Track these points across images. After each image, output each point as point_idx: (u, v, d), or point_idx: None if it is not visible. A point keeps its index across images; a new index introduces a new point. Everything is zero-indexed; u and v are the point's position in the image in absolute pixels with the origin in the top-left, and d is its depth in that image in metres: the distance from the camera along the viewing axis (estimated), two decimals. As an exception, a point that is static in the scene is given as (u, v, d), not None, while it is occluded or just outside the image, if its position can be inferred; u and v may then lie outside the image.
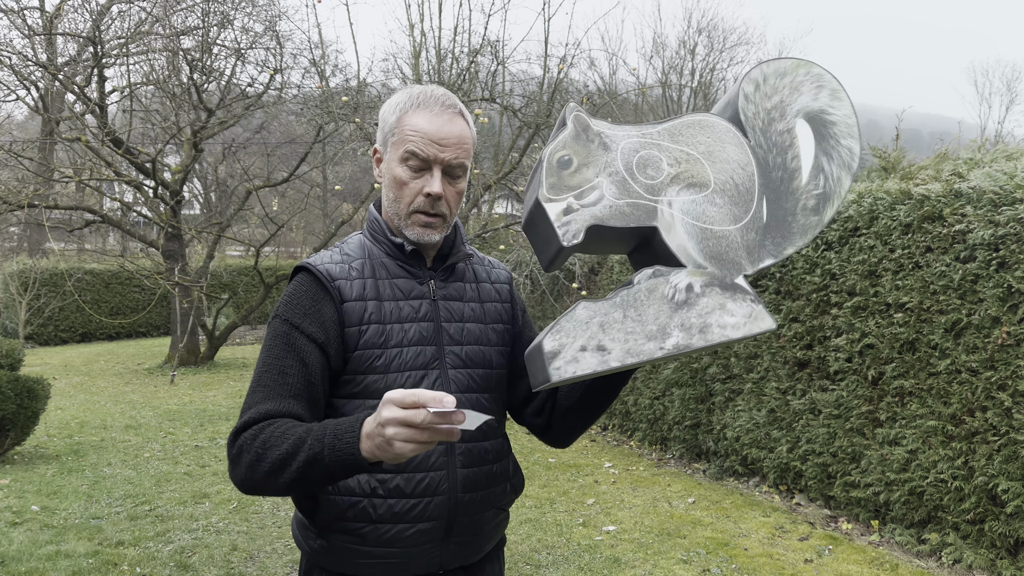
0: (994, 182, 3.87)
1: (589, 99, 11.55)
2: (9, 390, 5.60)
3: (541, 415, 1.54)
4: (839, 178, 1.32)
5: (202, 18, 11.35)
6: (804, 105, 1.32)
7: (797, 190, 1.32)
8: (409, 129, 1.38)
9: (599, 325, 1.25)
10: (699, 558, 4.11)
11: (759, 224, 1.32)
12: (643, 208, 1.30)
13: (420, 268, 1.46)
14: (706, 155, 1.33)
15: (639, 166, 1.32)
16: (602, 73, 23.75)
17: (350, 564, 1.39)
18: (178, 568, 3.86)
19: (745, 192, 1.32)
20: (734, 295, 1.28)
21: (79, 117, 11.37)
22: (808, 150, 1.33)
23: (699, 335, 1.25)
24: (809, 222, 1.31)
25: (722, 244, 1.30)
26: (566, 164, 1.32)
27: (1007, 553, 3.81)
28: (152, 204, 11.73)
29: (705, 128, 1.36)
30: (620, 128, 1.36)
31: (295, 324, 1.35)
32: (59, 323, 15.58)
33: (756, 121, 1.34)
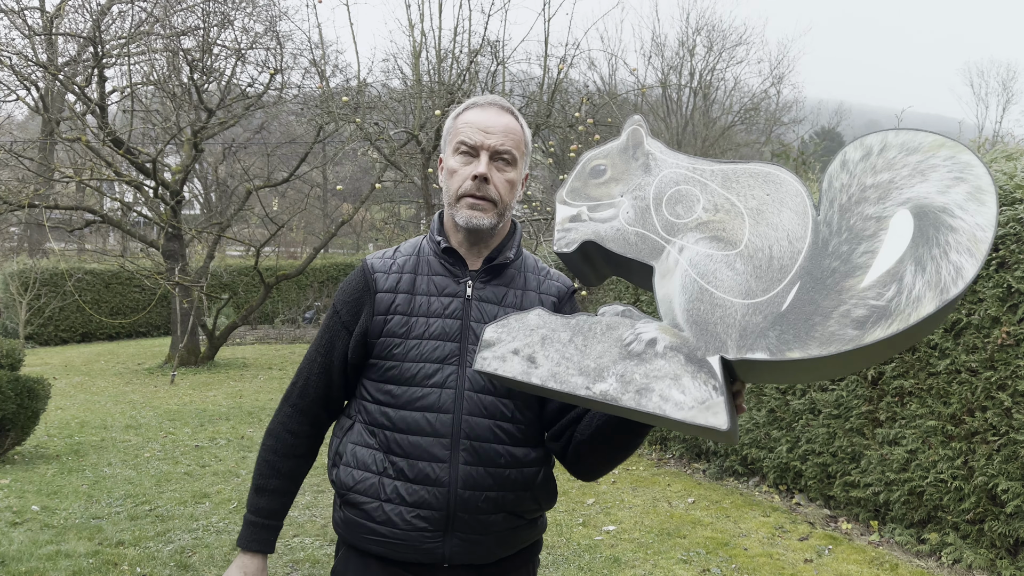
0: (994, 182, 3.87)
1: (589, 99, 11.55)
2: (9, 390, 5.60)
3: (558, 441, 1.53)
4: (918, 299, 0.98)
5: (202, 18, 11.35)
6: (922, 195, 1.03)
7: (848, 291, 1.04)
8: (461, 123, 1.50)
9: (542, 337, 1.19)
10: (699, 558, 4.11)
11: (773, 310, 1.08)
12: (649, 243, 1.18)
13: (460, 267, 1.52)
14: (753, 212, 1.14)
15: (670, 200, 1.19)
16: (602, 73, 23.75)
17: (359, 538, 1.49)
18: (178, 568, 3.86)
19: (777, 268, 1.10)
20: (697, 373, 1.09)
21: (79, 117, 11.38)
22: (894, 250, 1.02)
23: (633, 394, 1.10)
24: (842, 334, 1.02)
25: (714, 313, 1.11)
26: (598, 173, 1.25)
27: (1007, 553, 3.81)
28: (152, 204, 11.73)
29: (769, 183, 1.15)
30: (673, 155, 1.23)
31: (337, 309, 1.56)
32: (59, 323, 15.58)
33: (840, 195, 1.09)
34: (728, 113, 23.86)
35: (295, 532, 4.41)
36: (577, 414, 1.50)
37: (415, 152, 10.18)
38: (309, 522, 4.59)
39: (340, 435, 1.56)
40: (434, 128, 9.18)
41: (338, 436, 1.56)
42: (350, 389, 1.58)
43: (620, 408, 1.12)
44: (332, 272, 19.22)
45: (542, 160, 13.34)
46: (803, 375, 1.17)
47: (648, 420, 1.16)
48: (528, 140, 1.55)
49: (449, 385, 1.45)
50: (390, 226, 21.69)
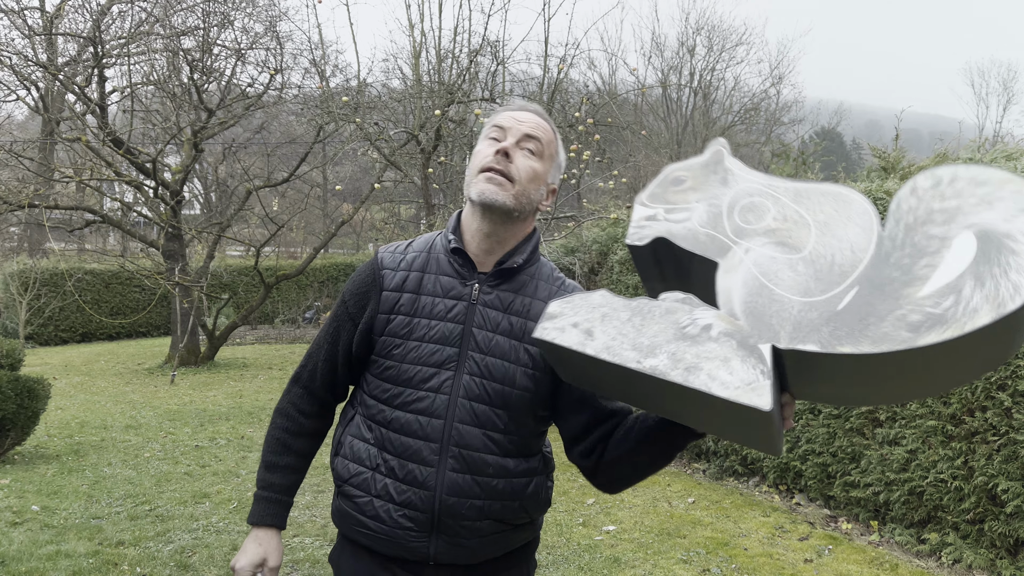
0: (994, 182, 3.87)
1: (589, 99, 11.55)
2: (9, 390, 5.60)
3: (589, 458, 1.50)
4: (975, 310, 1.03)
5: (202, 18, 11.36)
6: (987, 221, 1.08)
7: (905, 298, 1.09)
8: (496, 118, 1.52)
9: (602, 315, 1.24)
10: (699, 558, 4.11)
11: (829, 309, 1.13)
12: (718, 243, 1.24)
13: (469, 270, 1.48)
14: (820, 225, 1.20)
15: (743, 209, 1.26)
16: (602, 73, 23.76)
17: (350, 529, 1.51)
18: (178, 568, 3.86)
19: (838, 273, 1.15)
20: (747, 357, 1.14)
21: (79, 117, 11.38)
22: (955, 266, 1.07)
23: (682, 371, 1.14)
24: (895, 335, 1.06)
25: (771, 307, 1.16)
26: (678, 182, 1.33)
27: (1007, 553, 3.81)
28: (152, 204, 11.73)
29: (839, 201, 1.21)
30: (751, 172, 1.30)
31: (345, 300, 1.56)
32: (59, 323, 15.58)
33: (908, 216, 1.14)
34: (728, 113, 23.87)
35: (295, 532, 4.41)
36: (605, 431, 1.47)
37: (415, 152, 10.18)
38: (309, 522, 4.59)
39: (343, 425, 1.58)
40: (434, 128, 9.18)
41: (341, 425, 1.58)
42: (355, 377, 1.59)
43: (667, 385, 1.15)
44: (332, 272, 19.22)
45: (542, 160, 13.31)
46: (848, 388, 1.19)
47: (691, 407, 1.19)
48: (559, 151, 1.53)
49: (444, 391, 1.43)
50: (390, 226, 21.68)
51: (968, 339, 1.01)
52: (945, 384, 1.18)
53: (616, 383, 1.24)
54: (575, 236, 8.39)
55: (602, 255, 7.60)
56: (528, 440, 1.50)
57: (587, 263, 7.92)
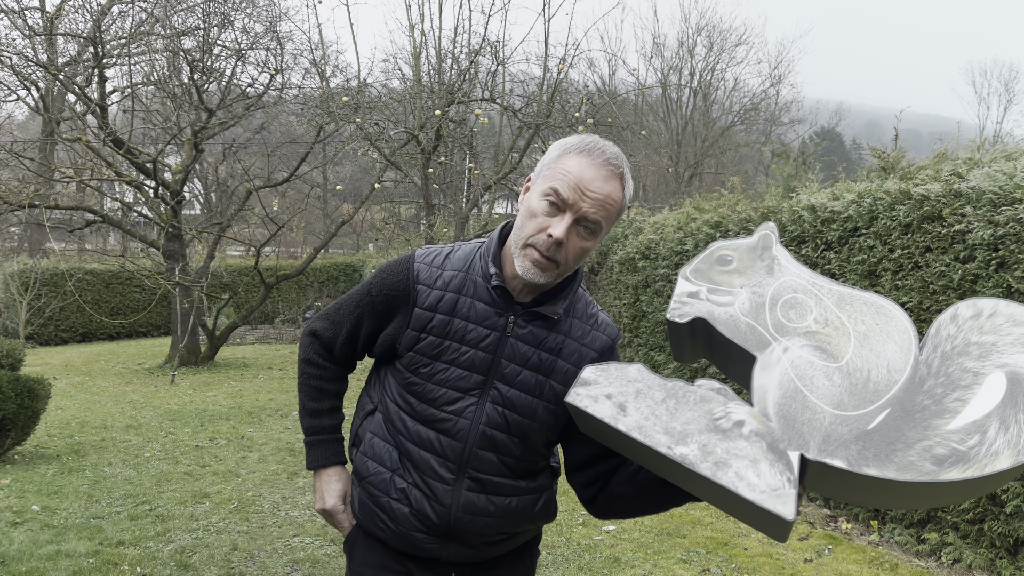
0: (993, 182, 3.87)
1: (589, 99, 11.56)
2: (10, 390, 5.60)
3: (589, 488, 1.55)
4: (996, 453, 1.06)
5: (203, 18, 11.36)
6: (1018, 364, 1.12)
7: (934, 429, 1.12)
8: (563, 168, 1.37)
9: (636, 391, 1.26)
10: (699, 558, 4.11)
11: (860, 427, 1.15)
12: (759, 336, 1.26)
13: (506, 301, 1.46)
14: (861, 335, 1.21)
15: (785, 304, 1.28)
16: (602, 73, 23.76)
17: (370, 521, 1.54)
18: (178, 568, 3.86)
19: (872, 392, 1.17)
20: (775, 462, 1.15)
21: (80, 117, 11.38)
22: (985, 404, 1.11)
23: (711, 464, 1.16)
24: (920, 465, 1.09)
25: (804, 414, 1.17)
26: (725, 262, 1.35)
27: (1007, 553, 3.81)
28: (153, 204, 11.73)
29: (881, 314, 1.23)
30: (797, 266, 1.32)
31: (372, 293, 1.53)
32: (60, 323, 15.59)
33: (945, 343, 1.17)
34: (728, 113, 23.87)
35: (295, 532, 4.41)
36: (607, 468, 1.50)
37: (415, 152, 10.18)
38: (309, 522, 4.59)
39: (361, 417, 1.59)
40: (434, 128, 9.18)
41: (359, 417, 1.60)
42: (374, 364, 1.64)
43: (693, 474, 1.17)
44: (332, 272, 19.23)
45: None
46: (864, 496, 1.22)
47: (713, 493, 1.22)
48: (625, 205, 1.43)
49: (467, 416, 1.45)
50: (390, 226, 21.69)
51: (985, 479, 1.07)
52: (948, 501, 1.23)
53: (640, 456, 1.28)
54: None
55: (602, 255, 7.60)
56: (538, 461, 1.55)
57: (587, 263, 7.93)
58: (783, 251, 1.34)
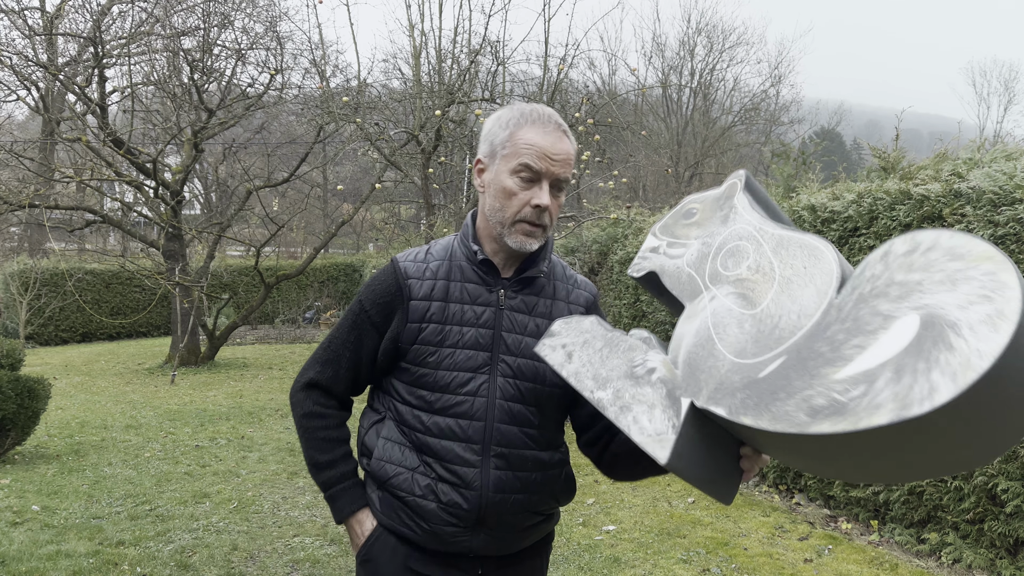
0: (993, 182, 3.87)
1: (589, 99, 11.56)
2: (10, 390, 5.60)
3: (593, 447, 1.61)
4: (877, 407, 0.92)
5: (203, 18, 11.36)
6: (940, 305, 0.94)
7: (821, 378, 1.00)
8: (523, 143, 1.47)
9: (584, 341, 1.34)
10: (699, 558, 4.11)
11: (751, 375, 1.09)
12: (694, 286, 1.29)
13: (493, 276, 1.54)
14: (784, 281, 1.16)
15: (727, 253, 1.28)
16: (602, 73, 23.76)
17: (395, 521, 1.55)
18: (178, 568, 3.86)
19: (775, 339, 1.10)
20: (667, 408, 1.17)
21: (80, 117, 11.38)
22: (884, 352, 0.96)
23: (617, 408, 1.22)
24: (794, 416, 0.99)
25: (708, 362, 1.16)
26: (689, 215, 1.39)
27: (1007, 553, 3.81)
28: (153, 204, 11.73)
29: (811, 257, 1.16)
30: (751, 212, 1.30)
31: (365, 308, 1.56)
32: (60, 323, 15.58)
33: (865, 285, 1.04)
34: (728, 113, 23.86)
35: (295, 532, 4.41)
36: (607, 423, 1.56)
37: (415, 152, 10.18)
38: (309, 522, 4.59)
39: (367, 427, 1.60)
40: (434, 128, 9.18)
41: (365, 427, 1.61)
42: (375, 380, 1.63)
43: (607, 418, 1.24)
44: (332, 272, 19.22)
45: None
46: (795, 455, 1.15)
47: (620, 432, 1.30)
48: None
49: (482, 394, 1.49)
50: (390, 226, 21.68)
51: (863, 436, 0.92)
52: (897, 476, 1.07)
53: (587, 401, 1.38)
54: (575, 236, 8.40)
55: (602, 255, 7.60)
56: (556, 433, 1.60)
57: (587, 263, 7.92)
58: (744, 198, 1.31)
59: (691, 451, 1.16)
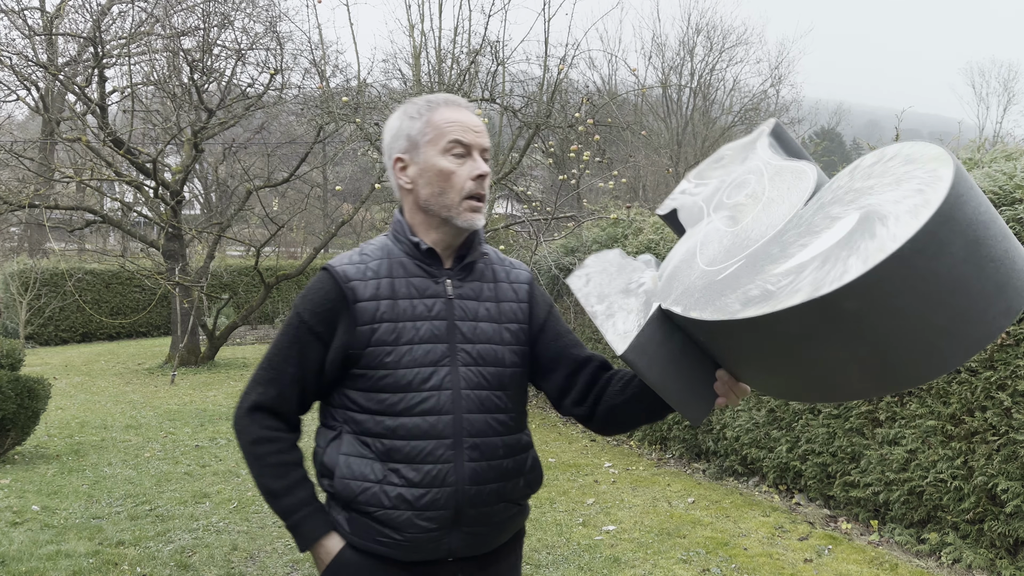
0: (993, 182, 3.87)
1: (589, 99, 11.55)
2: (10, 390, 5.60)
3: (582, 405, 1.59)
4: (796, 291, 0.97)
5: (202, 18, 11.36)
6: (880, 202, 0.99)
7: (764, 273, 1.06)
8: (444, 122, 1.49)
9: (602, 267, 1.44)
10: (699, 558, 4.11)
11: (711, 279, 1.16)
12: (700, 212, 1.37)
13: (437, 267, 1.53)
14: (768, 201, 1.24)
15: (734, 185, 1.35)
16: (602, 73, 23.76)
17: (367, 539, 1.49)
18: (178, 568, 3.86)
19: (741, 248, 1.17)
20: (640, 312, 1.25)
21: (80, 117, 11.38)
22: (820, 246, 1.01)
23: (604, 317, 1.32)
24: (731, 307, 1.05)
25: (685, 272, 1.24)
26: (719, 159, 1.45)
27: (1006, 553, 3.81)
28: (152, 204, 11.73)
29: (796, 178, 1.23)
30: (767, 151, 1.36)
31: (304, 319, 1.49)
32: (59, 323, 15.58)
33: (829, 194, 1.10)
34: (728, 113, 23.86)
35: (295, 532, 4.41)
36: (589, 378, 1.57)
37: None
38: (309, 522, 4.59)
39: (324, 445, 1.53)
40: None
41: (323, 446, 1.53)
42: (323, 394, 1.56)
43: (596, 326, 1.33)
44: (332, 272, 19.19)
45: (542, 160, 13.34)
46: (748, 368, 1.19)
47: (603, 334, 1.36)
48: None
49: (446, 386, 1.47)
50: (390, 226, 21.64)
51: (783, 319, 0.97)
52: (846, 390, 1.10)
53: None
54: (575, 236, 8.40)
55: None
56: (521, 415, 1.60)
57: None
58: (765, 141, 1.37)
59: (654, 351, 1.22)
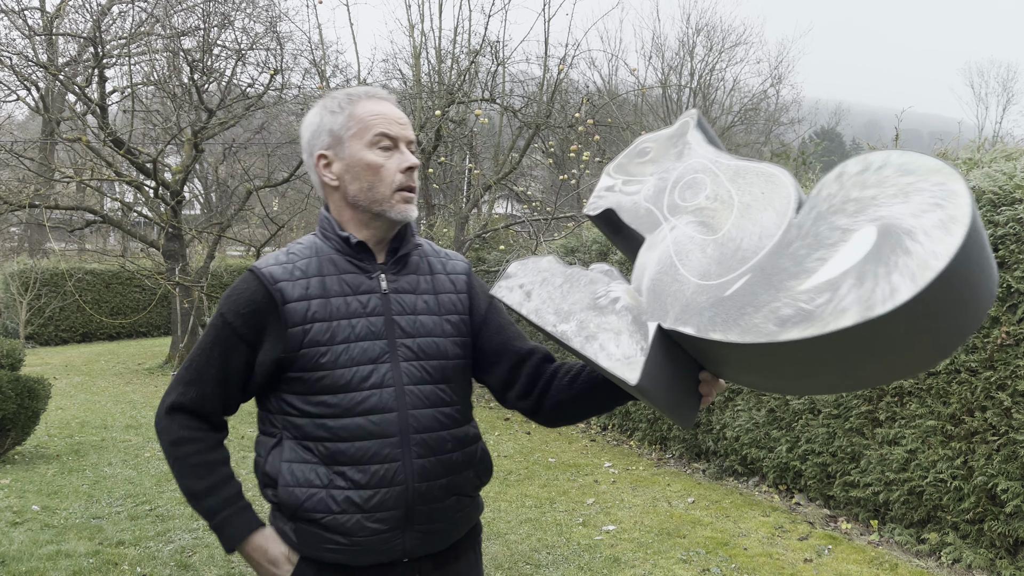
0: (993, 182, 3.88)
1: (589, 99, 11.55)
2: (10, 390, 5.60)
3: (527, 399, 1.55)
4: (843, 310, 0.97)
5: (203, 18, 11.36)
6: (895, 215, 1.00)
7: (787, 291, 1.05)
8: (369, 115, 1.44)
9: (543, 279, 1.36)
10: (699, 558, 4.11)
11: (718, 294, 1.13)
12: (653, 218, 1.31)
13: (369, 262, 1.48)
14: (743, 206, 1.21)
15: (684, 185, 1.31)
16: (602, 73, 23.76)
17: (316, 548, 1.43)
18: (179, 568, 3.86)
19: (739, 259, 1.15)
20: (635, 333, 1.21)
21: (80, 117, 11.38)
22: (845, 261, 1.01)
23: (582, 339, 1.25)
24: (763, 327, 1.04)
25: (672, 287, 1.20)
26: (644, 153, 1.40)
27: (1006, 553, 3.81)
28: (153, 204, 11.73)
29: (769, 183, 1.21)
30: (706, 147, 1.34)
31: (228, 320, 1.43)
32: (60, 323, 15.58)
33: (823, 203, 1.10)
34: (728, 113, 23.87)
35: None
36: (532, 371, 1.54)
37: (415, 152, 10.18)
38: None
39: (265, 454, 1.47)
40: (434, 128, 9.18)
41: (263, 455, 1.48)
42: (260, 401, 1.51)
43: (571, 349, 1.26)
44: (332, 272, 19.19)
45: (542, 160, 13.34)
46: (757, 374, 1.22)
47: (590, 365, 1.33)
48: None
49: (388, 383, 1.42)
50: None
51: (833, 339, 0.98)
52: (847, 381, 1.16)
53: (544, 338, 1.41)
54: (575, 236, 8.40)
55: (602, 255, 7.60)
56: (467, 407, 1.56)
57: (587, 263, 7.92)
58: (698, 135, 1.34)
59: (658, 373, 1.20)
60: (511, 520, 4.71)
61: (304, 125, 1.50)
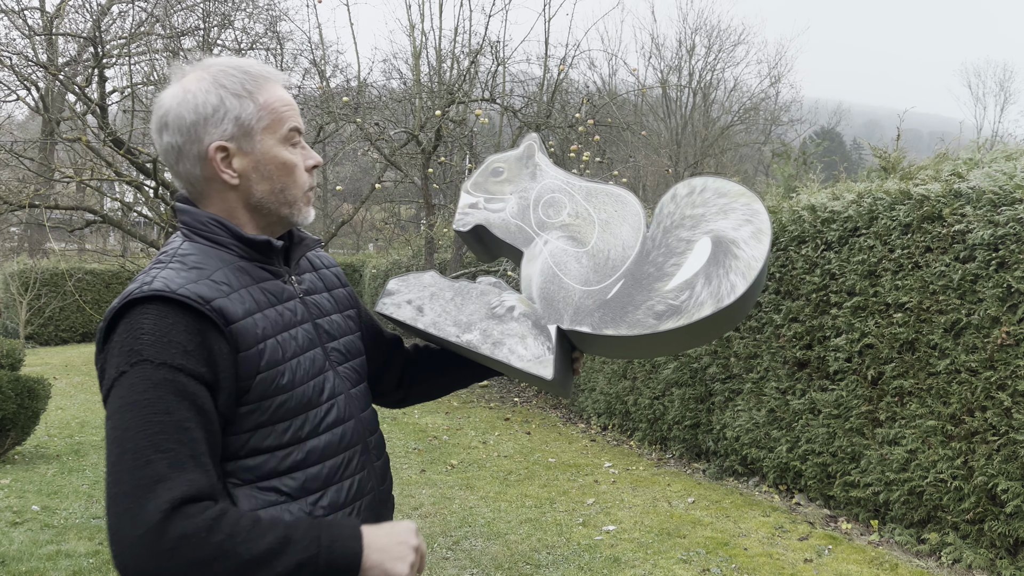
0: (993, 182, 3.88)
1: (589, 100, 11.56)
2: (10, 390, 5.60)
3: (399, 390, 1.60)
4: (701, 303, 1.31)
5: (202, 18, 11.36)
6: (721, 229, 1.36)
7: (656, 291, 1.36)
8: (279, 104, 1.24)
9: (431, 294, 1.48)
10: (699, 558, 4.11)
11: (601, 298, 1.40)
12: (525, 234, 1.51)
13: (279, 265, 1.31)
14: (603, 223, 1.46)
15: (545, 204, 1.51)
16: (602, 73, 23.76)
17: None
18: (179, 568, 3.86)
19: (611, 267, 1.42)
20: (538, 336, 1.41)
21: (80, 117, 11.37)
22: (694, 265, 1.35)
23: (490, 345, 1.41)
24: (645, 321, 1.35)
25: (559, 293, 1.42)
26: (497, 173, 1.56)
27: (1007, 553, 3.81)
28: (153, 204, 11.72)
29: (618, 203, 1.47)
30: (555, 169, 1.55)
31: (176, 366, 1.08)
32: (60, 323, 15.59)
33: (666, 220, 1.42)
34: (727, 113, 23.87)
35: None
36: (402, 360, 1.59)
37: (415, 152, 10.18)
38: (309, 522, 4.59)
39: None
40: (434, 128, 9.18)
41: None
42: None
43: (479, 355, 1.42)
44: (332, 272, 19.20)
45: (542, 160, 13.30)
46: (622, 351, 1.50)
47: (496, 366, 1.48)
48: None
49: (338, 391, 1.32)
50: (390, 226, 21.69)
51: (696, 325, 1.32)
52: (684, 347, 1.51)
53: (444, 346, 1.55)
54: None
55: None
56: None
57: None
58: (544, 158, 1.56)
59: (559, 365, 1.42)
60: (511, 520, 4.70)
61: (185, 103, 1.20)
